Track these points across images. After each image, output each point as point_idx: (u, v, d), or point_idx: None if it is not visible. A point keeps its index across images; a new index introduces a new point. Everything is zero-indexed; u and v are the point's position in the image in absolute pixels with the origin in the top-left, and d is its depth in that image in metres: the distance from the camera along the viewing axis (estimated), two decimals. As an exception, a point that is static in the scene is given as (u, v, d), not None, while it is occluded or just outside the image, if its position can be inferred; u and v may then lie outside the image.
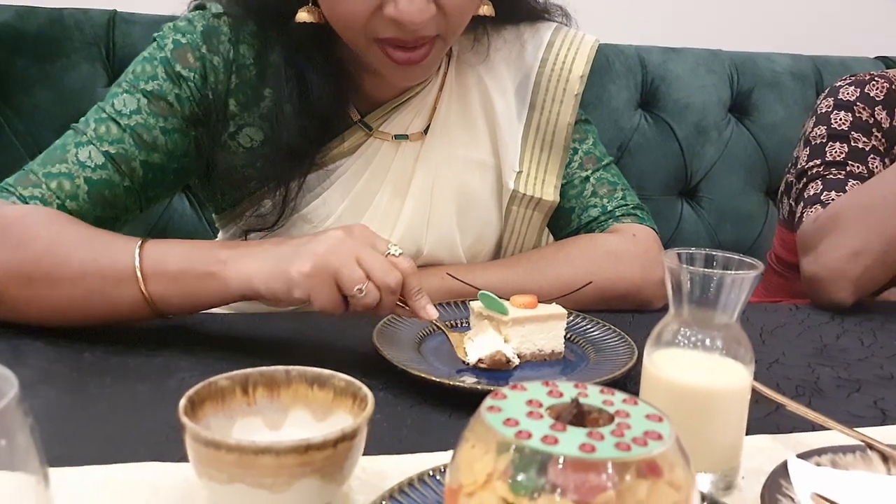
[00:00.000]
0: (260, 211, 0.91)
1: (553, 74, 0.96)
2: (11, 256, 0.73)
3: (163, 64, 0.85)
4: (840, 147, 1.12)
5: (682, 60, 1.72)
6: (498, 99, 0.96)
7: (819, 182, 1.10)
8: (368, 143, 0.92)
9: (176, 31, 0.87)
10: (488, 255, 0.99)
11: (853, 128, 1.13)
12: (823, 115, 1.16)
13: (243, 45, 0.87)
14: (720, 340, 0.54)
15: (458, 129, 0.96)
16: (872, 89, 1.15)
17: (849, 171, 1.10)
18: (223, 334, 0.79)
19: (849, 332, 0.89)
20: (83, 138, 0.83)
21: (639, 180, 1.68)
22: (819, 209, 1.06)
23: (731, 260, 0.54)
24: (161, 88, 0.85)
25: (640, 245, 0.94)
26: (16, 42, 1.37)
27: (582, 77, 0.96)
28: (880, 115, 1.14)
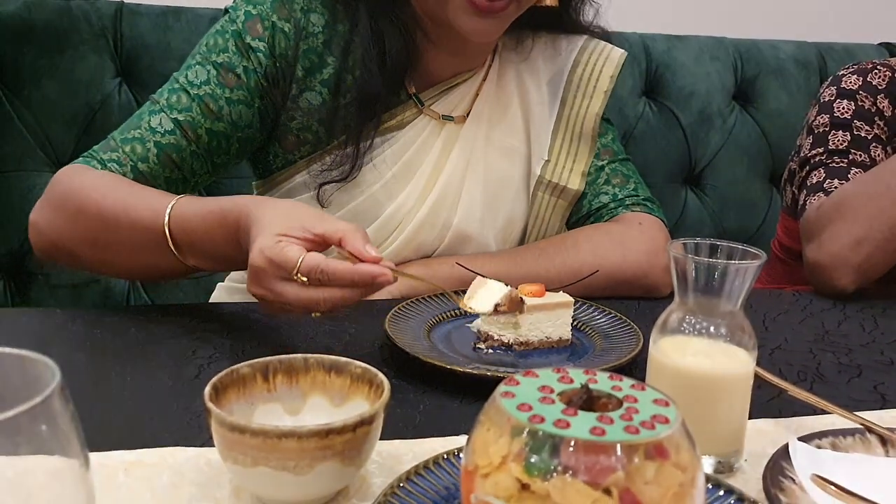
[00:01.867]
0: (306, 179, 0.95)
1: (584, 74, 1.02)
2: (73, 228, 0.83)
3: (233, 37, 0.90)
4: (843, 135, 1.13)
5: (686, 48, 1.73)
6: (533, 91, 1.02)
7: (822, 170, 1.12)
8: (418, 119, 0.96)
9: (248, 3, 0.91)
10: (516, 238, 1.03)
11: (855, 116, 1.14)
12: (826, 103, 1.17)
13: (314, 13, 0.92)
14: (724, 328, 0.56)
15: (496, 116, 1.01)
16: (875, 78, 1.16)
17: (851, 160, 1.11)
18: (238, 322, 0.81)
19: (850, 318, 0.91)
20: (156, 107, 0.89)
21: (643, 168, 1.67)
22: (822, 197, 1.07)
23: (734, 249, 0.56)
24: (230, 61, 0.89)
25: (646, 232, 0.96)
26: (24, 33, 1.38)
27: (612, 77, 1.02)
28: (882, 104, 1.15)
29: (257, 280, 0.68)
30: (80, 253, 0.84)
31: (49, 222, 0.85)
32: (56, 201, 0.85)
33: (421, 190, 0.95)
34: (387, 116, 0.94)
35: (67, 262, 0.88)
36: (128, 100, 1.40)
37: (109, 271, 0.88)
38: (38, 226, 0.86)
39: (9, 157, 1.37)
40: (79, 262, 0.87)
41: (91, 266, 0.88)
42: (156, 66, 1.41)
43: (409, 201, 0.94)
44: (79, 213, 0.82)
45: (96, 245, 0.82)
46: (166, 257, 0.77)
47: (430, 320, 0.80)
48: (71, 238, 0.83)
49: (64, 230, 0.83)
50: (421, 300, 0.84)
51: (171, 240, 0.76)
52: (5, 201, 1.37)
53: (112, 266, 0.86)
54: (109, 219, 0.80)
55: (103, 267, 0.87)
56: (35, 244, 0.87)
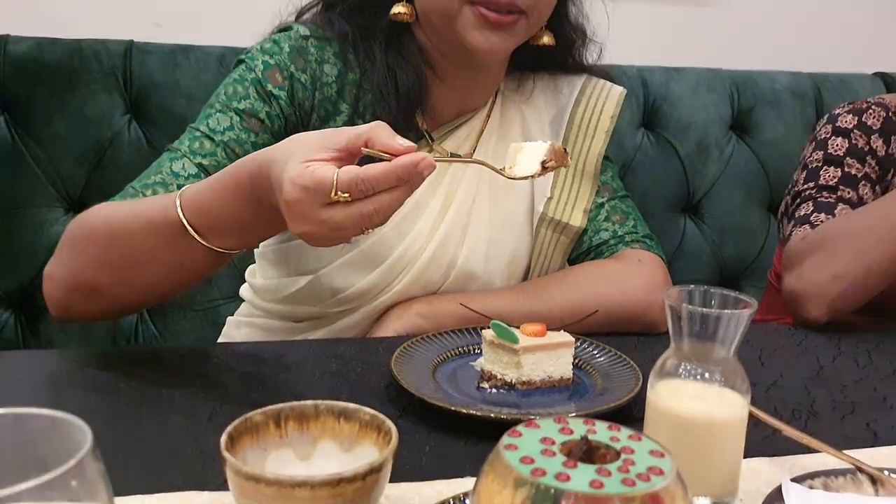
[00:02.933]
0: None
1: (585, 114, 1.05)
2: (86, 255, 0.81)
3: (254, 84, 0.92)
4: (834, 171, 1.17)
5: (683, 80, 1.76)
6: (535, 130, 1.05)
7: (810, 203, 1.15)
8: None
9: (263, 53, 0.94)
10: (520, 275, 1.05)
11: (848, 153, 1.17)
12: (822, 140, 1.21)
13: (327, 64, 0.95)
14: (718, 374, 0.58)
15: (500, 154, 1.02)
16: (869, 118, 1.19)
17: (839, 196, 1.14)
18: (248, 362, 0.84)
19: (845, 353, 0.93)
20: (177, 154, 0.89)
21: (642, 198, 1.71)
22: (807, 229, 1.11)
23: (727, 297, 0.58)
24: (253, 107, 0.91)
25: (646, 270, 0.99)
26: (36, 73, 1.41)
27: (612, 117, 1.05)
28: (876, 144, 1.18)
29: (299, 215, 0.64)
30: (99, 281, 0.81)
31: (61, 264, 0.84)
32: (66, 243, 0.84)
33: (429, 229, 0.97)
34: None
35: (85, 307, 0.84)
36: (137, 136, 1.43)
37: (132, 294, 0.82)
38: (51, 275, 0.84)
39: (20, 194, 1.40)
40: (98, 297, 0.82)
41: (112, 294, 0.82)
42: (165, 103, 1.44)
43: (417, 241, 0.96)
44: (90, 239, 0.81)
45: (113, 264, 0.80)
46: (188, 249, 0.75)
47: (435, 359, 0.82)
48: (86, 268, 0.81)
49: (78, 264, 0.82)
50: (426, 338, 0.86)
51: (188, 225, 0.74)
52: (16, 237, 1.40)
53: (134, 285, 0.81)
54: (121, 230, 0.79)
55: (125, 289, 0.82)
56: (51, 298, 0.84)
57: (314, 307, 0.98)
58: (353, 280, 0.95)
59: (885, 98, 1.23)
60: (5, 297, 1.41)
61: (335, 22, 0.96)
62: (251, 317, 1.05)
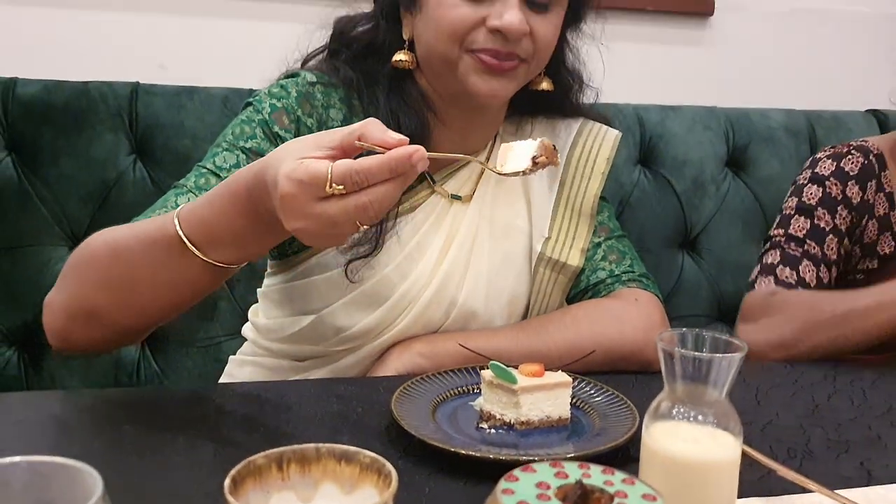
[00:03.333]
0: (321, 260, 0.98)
1: (582, 156, 1.07)
2: (86, 278, 0.82)
3: (261, 125, 0.94)
4: (804, 222, 1.22)
5: (678, 118, 1.79)
6: None
7: (778, 252, 1.21)
8: (430, 199, 1.01)
9: (271, 97, 0.96)
10: (520, 313, 1.06)
11: (820, 203, 1.22)
12: (799, 186, 1.26)
13: (333, 108, 0.98)
14: (711, 415, 0.59)
15: (499, 195, 1.06)
16: (848, 164, 1.23)
17: (805, 250, 1.20)
18: (251, 405, 0.84)
19: (840, 391, 0.94)
20: (182, 189, 0.90)
21: (640, 234, 1.74)
22: (771, 281, 1.17)
23: (718, 341, 0.60)
24: (259, 146, 0.93)
25: (643, 309, 1.00)
26: (44, 114, 1.44)
27: (608, 159, 1.07)
28: (851, 191, 1.22)
29: (293, 209, 0.65)
30: (98, 304, 0.81)
31: (61, 292, 0.84)
32: (67, 271, 0.85)
33: (430, 269, 0.99)
34: (405, 197, 0.99)
35: (84, 333, 0.84)
36: (142, 176, 1.46)
37: (130, 317, 0.82)
38: (51, 303, 0.85)
39: (26, 233, 1.42)
40: (97, 323, 0.82)
41: (111, 318, 0.82)
42: (169, 143, 1.47)
43: (419, 281, 0.98)
44: (91, 261, 0.82)
45: (112, 284, 0.81)
46: (186, 264, 0.76)
47: (435, 399, 0.83)
48: (86, 291, 0.82)
49: (78, 289, 0.83)
50: (426, 378, 0.87)
51: (185, 238, 0.75)
52: (21, 275, 1.42)
53: (133, 306, 0.81)
54: (121, 249, 0.80)
55: (123, 311, 0.82)
56: (50, 327, 0.85)
57: (317, 346, 1.00)
58: (356, 319, 0.97)
59: (868, 141, 1.26)
60: (9, 335, 1.42)
61: (340, 69, 0.99)
62: (254, 356, 1.06)
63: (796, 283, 1.17)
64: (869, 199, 1.23)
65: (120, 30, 1.69)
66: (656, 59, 2.03)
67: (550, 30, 0.95)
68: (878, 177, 1.24)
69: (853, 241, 1.23)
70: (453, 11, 0.92)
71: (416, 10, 0.97)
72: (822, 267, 1.19)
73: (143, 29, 1.71)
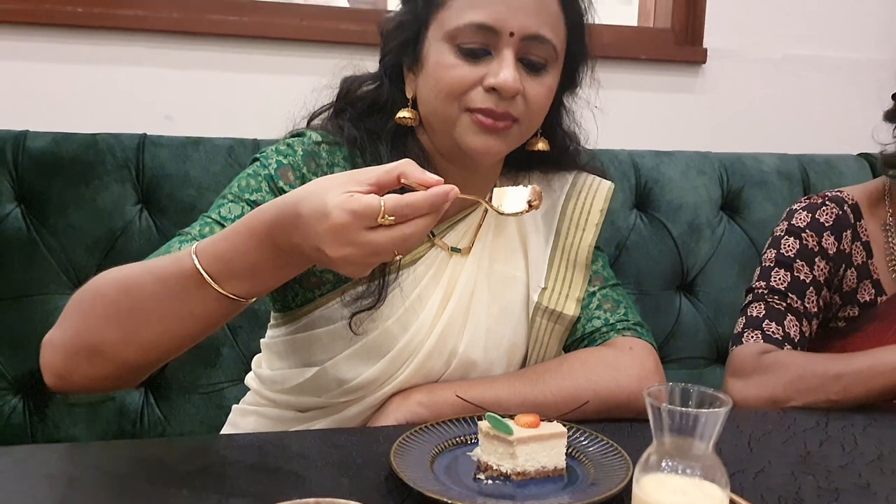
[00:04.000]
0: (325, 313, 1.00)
1: (576, 208, 1.11)
2: (91, 312, 0.83)
3: (266, 180, 0.97)
4: (784, 275, 1.24)
5: (673, 163, 1.82)
6: (529, 223, 1.10)
7: (762, 305, 1.23)
8: (430, 252, 1.03)
9: (278, 154, 0.99)
10: (518, 362, 1.08)
11: (798, 255, 1.24)
12: (776, 238, 1.28)
13: (337, 167, 1.01)
14: (699, 468, 0.61)
15: (497, 247, 1.08)
16: (822, 215, 1.26)
17: (788, 305, 1.22)
18: (253, 456, 0.86)
19: (832, 437, 0.96)
20: (187, 237, 0.92)
21: (637, 277, 1.76)
22: (759, 336, 1.20)
23: (705, 395, 0.62)
24: (264, 199, 0.95)
25: (637, 357, 1.02)
26: (53, 166, 1.47)
27: (602, 211, 1.10)
28: (827, 242, 1.24)
29: (343, 238, 0.71)
30: (104, 338, 0.81)
31: (64, 329, 0.84)
32: (70, 309, 0.84)
33: (430, 321, 1.01)
34: None
35: (86, 371, 0.83)
36: (148, 225, 1.49)
37: (136, 352, 0.82)
38: (52, 341, 0.85)
39: (33, 282, 1.45)
40: (101, 359, 0.82)
41: (115, 353, 0.82)
42: (175, 193, 1.50)
43: (420, 333, 1.00)
44: (97, 297, 0.83)
45: (121, 318, 0.81)
46: (202, 298, 0.78)
47: (434, 449, 0.85)
48: (91, 327, 0.82)
49: (82, 325, 0.83)
50: (424, 429, 0.89)
51: (205, 272, 0.77)
52: (28, 324, 1.44)
53: (140, 341, 0.82)
54: (132, 284, 0.82)
55: (130, 346, 0.82)
56: (49, 366, 0.84)
57: (320, 398, 1.01)
58: (359, 371, 0.99)
59: (843, 191, 1.29)
60: (14, 383, 1.44)
61: (345, 127, 1.02)
62: (257, 405, 1.08)
63: (783, 338, 1.20)
64: (845, 248, 1.25)
65: (128, 83, 1.75)
66: (650, 106, 2.07)
67: (543, 92, 0.98)
68: (854, 227, 1.26)
69: (832, 290, 1.26)
70: (451, 72, 0.95)
71: (418, 69, 1.00)
72: (804, 321, 1.22)
73: (151, 82, 1.76)
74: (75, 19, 1.72)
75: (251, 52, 1.82)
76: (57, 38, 1.72)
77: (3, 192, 1.44)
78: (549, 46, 0.97)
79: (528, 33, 0.95)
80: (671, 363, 1.78)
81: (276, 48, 1.82)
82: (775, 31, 2.14)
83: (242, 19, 1.81)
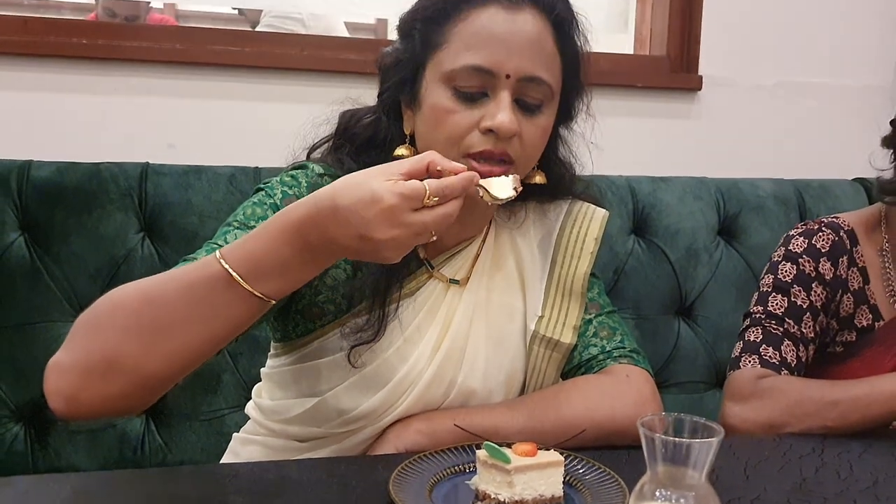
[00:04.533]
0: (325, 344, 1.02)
1: (571, 237, 1.12)
2: (109, 325, 0.81)
3: (272, 208, 0.98)
4: (781, 300, 1.25)
5: (670, 189, 1.84)
6: (526, 252, 1.12)
7: (759, 330, 1.24)
8: (429, 283, 1.05)
9: (283, 184, 1.01)
10: (517, 390, 1.09)
11: (795, 280, 1.25)
12: (774, 263, 1.29)
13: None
14: (692, 498, 0.62)
15: (495, 277, 1.10)
16: (819, 241, 1.27)
17: (785, 329, 1.23)
18: (254, 485, 0.87)
19: (827, 464, 0.96)
20: (189, 261, 0.92)
21: (636, 302, 1.78)
22: (756, 361, 1.20)
23: (697, 424, 0.63)
24: None
25: (633, 385, 1.03)
26: (57, 195, 1.48)
27: (596, 239, 1.12)
28: (824, 268, 1.25)
29: (392, 219, 0.76)
30: (123, 351, 0.79)
31: (73, 349, 0.81)
32: (80, 328, 0.82)
33: (430, 351, 1.02)
34: (406, 281, 1.03)
35: (100, 389, 0.80)
36: (150, 253, 1.50)
37: (158, 363, 0.80)
38: (59, 363, 0.81)
39: (35, 310, 1.46)
40: (117, 374, 0.80)
41: (135, 365, 0.80)
42: (177, 220, 1.51)
43: (419, 363, 1.01)
44: (116, 310, 0.81)
45: (141, 330, 0.80)
46: (230, 300, 0.79)
47: (432, 478, 0.86)
48: (108, 341, 0.80)
49: (97, 342, 0.80)
50: (423, 457, 0.90)
51: (234, 272, 0.78)
52: (30, 352, 1.45)
53: (163, 350, 0.80)
54: (154, 293, 0.81)
55: (151, 358, 0.80)
56: (57, 389, 0.81)
57: (320, 428, 1.02)
58: (359, 402, 1.00)
59: (839, 217, 1.30)
60: (17, 411, 1.45)
61: (345, 161, 1.03)
62: (257, 435, 1.08)
63: (780, 363, 1.20)
64: (842, 274, 1.26)
65: (130, 113, 1.77)
66: (647, 133, 2.10)
67: (539, 133, 1.00)
68: (850, 252, 1.27)
69: (829, 315, 1.27)
70: (450, 117, 0.97)
71: (416, 107, 1.02)
72: (800, 346, 1.23)
73: (153, 112, 1.79)
74: (79, 51, 1.75)
75: (252, 81, 1.84)
76: (61, 69, 1.75)
77: (7, 221, 1.45)
78: (546, 87, 0.99)
79: (524, 75, 0.97)
80: (671, 388, 1.79)
81: (277, 77, 1.85)
82: (769, 59, 2.17)
83: (244, 49, 1.84)
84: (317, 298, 1.01)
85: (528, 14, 0.98)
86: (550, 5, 1.00)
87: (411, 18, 1.03)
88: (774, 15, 2.16)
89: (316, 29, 2.37)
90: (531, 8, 0.98)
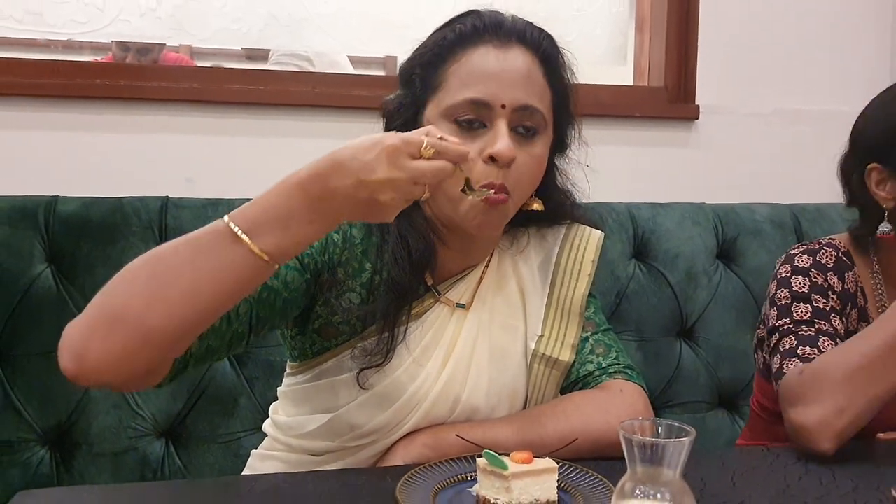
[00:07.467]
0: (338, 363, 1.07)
1: (570, 259, 1.18)
2: (116, 289, 0.84)
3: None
4: (804, 307, 1.23)
5: (669, 214, 1.89)
6: (527, 275, 1.18)
7: (792, 337, 1.20)
8: (435, 307, 1.11)
9: None
10: (519, 407, 1.15)
11: (812, 290, 1.24)
12: (783, 279, 1.28)
13: (355, 227, 1.10)
14: (668, 493, 0.68)
15: (498, 300, 1.16)
16: (823, 257, 1.28)
17: (818, 328, 1.21)
18: (269, 496, 0.93)
19: (811, 472, 1.01)
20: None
21: (638, 324, 1.83)
22: (798, 362, 1.16)
23: (672, 427, 0.69)
24: None
25: (627, 399, 1.09)
26: (82, 229, 1.56)
27: (593, 261, 1.18)
28: (832, 280, 1.26)
29: (393, 160, 0.82)
30: (127, 304, 0.82)
31: (82, 314, 0.84)
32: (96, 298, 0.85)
33: (437, 371, 1.08)
34: (414, 305, 1.09)
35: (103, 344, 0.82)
36: (170, 283, 1.57)
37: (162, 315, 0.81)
38: (70, 326, 0.85)
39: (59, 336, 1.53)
40: (120, 327, 0.81)
41: (138, 319, 0.81)
42: (195, 252, 1.59)
43: (426, 382, 1.07)
44: (124, 272, 0.84)
45: (147, 281, 0.82)
46: (231, 255, 0.82)
47: (436, 486, 0.92)
48: (114, 295, 0.83)
49: (105, 298, 0.84)
50: (428, 467, 0.96)
51: (238, 228, 0.82)
52: (55, 377, 1.48)
53: (167, 301, 0.81)
54: (161, 250, 0.84)
55: (156, 308, 0.81)
56: (66, 347, 0.84)
57: (333, 442, 1.08)
58: (370, 418, 1.06)
59: (834, 238, 1.32)
60: (43, 435, 1.51)
61: None
62: (274, 450, 1.15)
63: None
64: (850, 288, 1.27)
65: (152, 149, 1.86)
66: (646, 161, 2.16)
67: (533, 162, 1.06)
68: (852, 269, 1.28)
69: (846, 325, 1.26)
70: None
71: None
72: (836, 340, 1.20)
73: (173, 148, 1.88)
74: (103, 91, 1.85)
75: (267, 117, 1.93)
76: (86, 109, 1.84)
77: (35, 254, 1.53)
78: (539, 115, 1.06)
79: (518, 104, 1.04)
80: (674, 408, 1.83)
81: (290, 114, 1.94)
82: (765, 87, 2.24)
83: (259, 88, 1.94)
84: (333, 318, 1.08)
85: (518, 51, 1.06)
86: (537, 42, 1.08)
87: (410, 66, 1.11)
88: (768, 45, 2.23)
89: (321, 64, 2.46)
90: (519, 46, 1.06)
